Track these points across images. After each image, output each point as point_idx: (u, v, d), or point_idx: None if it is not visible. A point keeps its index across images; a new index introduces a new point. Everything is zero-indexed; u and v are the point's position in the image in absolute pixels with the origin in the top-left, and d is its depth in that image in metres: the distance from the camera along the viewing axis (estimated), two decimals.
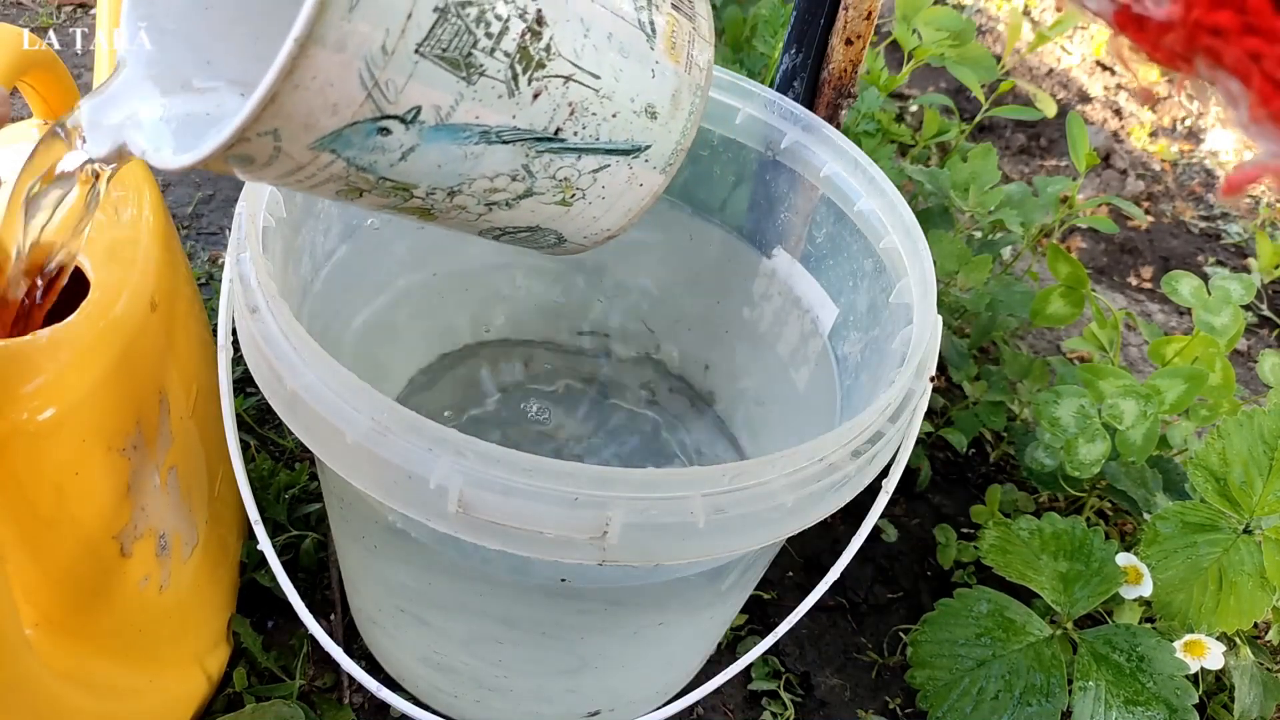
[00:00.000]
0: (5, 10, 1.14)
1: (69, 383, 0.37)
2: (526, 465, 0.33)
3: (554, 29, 0.29)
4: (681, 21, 0.34)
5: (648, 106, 0.34)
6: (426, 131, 0.29)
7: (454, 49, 0.28)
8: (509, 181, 0.32)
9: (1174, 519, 0.65)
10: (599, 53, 0.31)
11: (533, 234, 0.36)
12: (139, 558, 0.45)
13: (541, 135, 0.31)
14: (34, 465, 0.37)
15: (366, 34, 0.26)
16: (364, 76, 0.26)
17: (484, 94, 0.29)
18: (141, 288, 0.42)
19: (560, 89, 0.31)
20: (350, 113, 0.27)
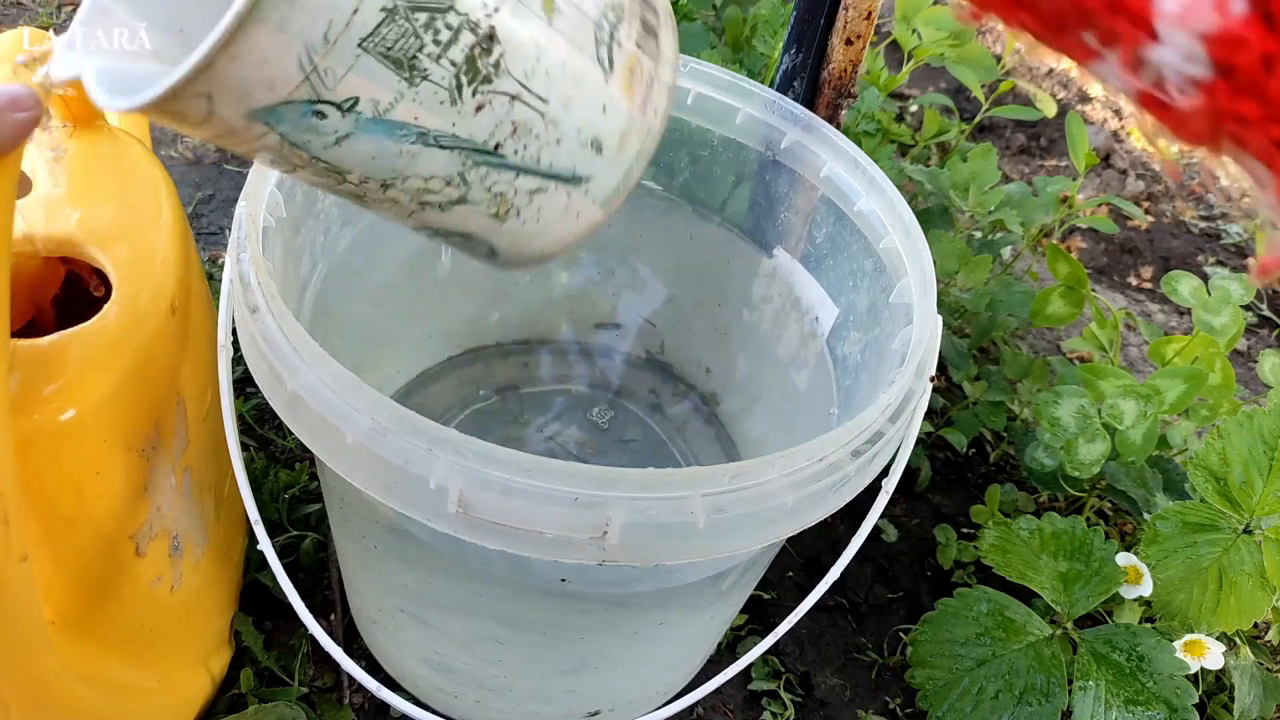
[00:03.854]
0: (5, 10, 1.14)
1: (90, 384, 0.38)
2: (526, 465, 0.33)
3: (505, 47, 0.30)
4: (644, 63, 0.34)
5: (594, 140, 0.33)
6: (363, 123, 0.29)
7: (399, 49, 0.28)
8: (443, 185, 0.32)
9: (1174, 519, 0.65)
10: (550, 79, 0.31)
11: (465, 240, 0.36)
12: (152, 558, 0.45)
13: (480, 148, 0.31)
14: (56, 464, 0.38)
15: (309, 21, 0.26)
16: (303, 60, 0.27)
17: (425, 97, 0.29)
18: (161, 291, 0.43)
19: (505, 106, 0.31)
20: (286, 92, 0.28)
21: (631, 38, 0.33)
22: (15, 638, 0.35)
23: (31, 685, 0.37)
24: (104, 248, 0.42)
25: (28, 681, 0.36)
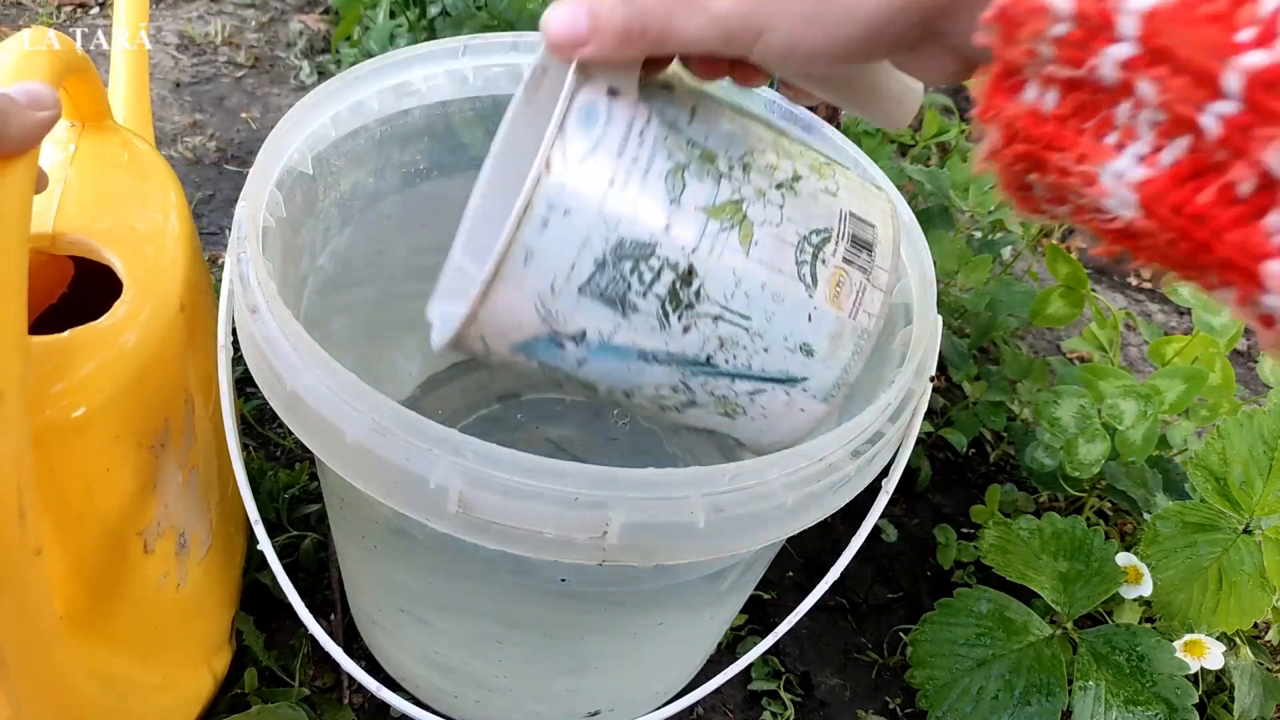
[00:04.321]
0: (5, 10, 1.14)
1: (101, 381, 0.38)
2: (526, 465, 0.33)
3: (704, 279, 0.34)
4: (852, 275, 0.37)
5: (802, 345, 0.37)
6: (593, 349, 0.35)
7: (611, 290, 0.34)
8: (671, 392, 0.37)
9: (1174, 519, 0.65)
10: (749, 299, 0.35)
11: (712, 435, 0.40)
12: (160, 555, 0.46)
13: (694, 361, 0.36)
14: (67, 460, 0.38)
15: (538, 277, 0.33)
16: (538, 307, 0.34)
17: (638, 325, 0.35)
18: (170, 289, 0.43)
19: (710, 326, 0.35)
20: (531, 331, 0.35)
21: (838, 254, 0.37)
22: (29, 631, 0.35)
23: (42, 679, 0.37)
24: (113, 246, 0.42)
25: (38, 675, 0.37)
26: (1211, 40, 0.20)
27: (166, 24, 1.18)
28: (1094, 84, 0.22)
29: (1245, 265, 0.20)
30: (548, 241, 0.33)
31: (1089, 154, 0.22)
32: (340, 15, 1.17)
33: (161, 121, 1.03)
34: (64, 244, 0.42)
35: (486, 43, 0.52)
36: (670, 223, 0.34)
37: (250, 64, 1.15)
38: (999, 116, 0.24)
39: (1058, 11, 0.22)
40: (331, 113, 0.48)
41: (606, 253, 0.33)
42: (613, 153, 0.33)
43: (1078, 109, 0.23)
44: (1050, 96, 0.23)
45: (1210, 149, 0.21)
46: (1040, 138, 0.23)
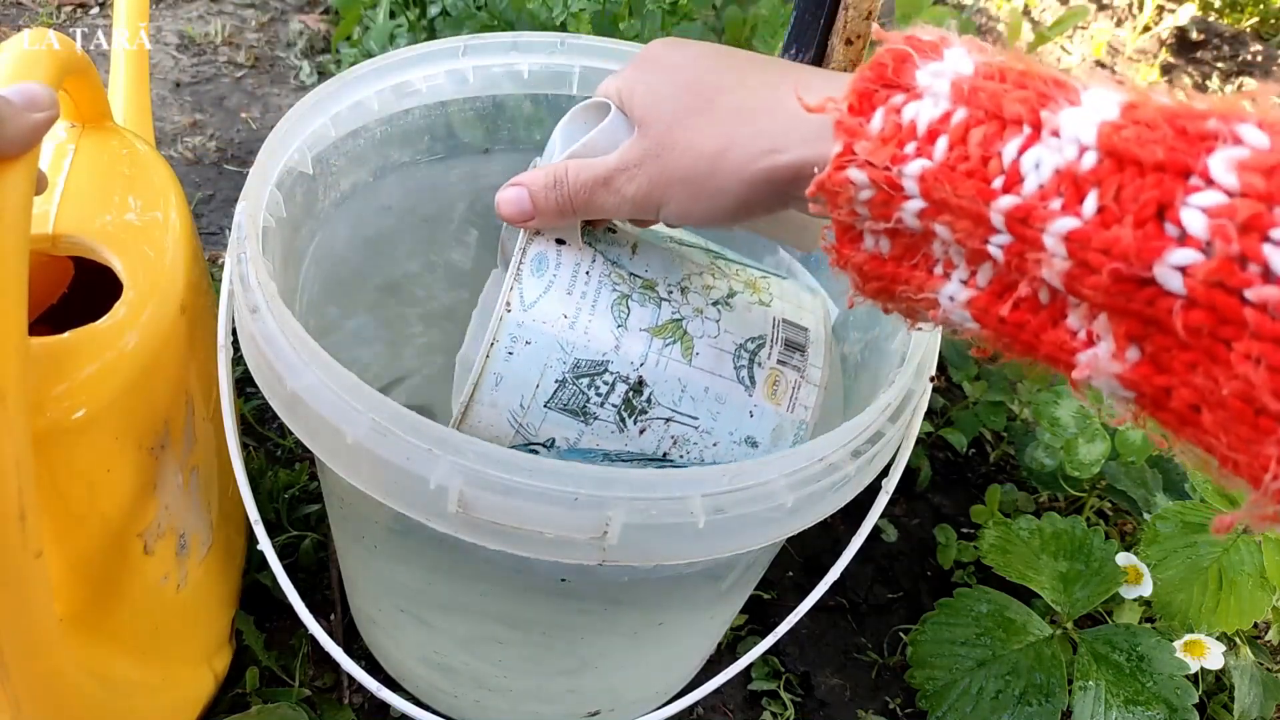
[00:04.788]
0: (5, 10, 1.14)
1: (102, 382, 0.38)
2: (526, 465, 0.33)
3: (653, 387, 0.40)
4: (786, 373, 0.43)
5: (747, 438, 0.41)
6: (563, 452, 0.40)
7: (573, 403, 0.39)
8: None
9: (1174, 519, 0.65)
10: (695, 401, 0.40)
11: None
12: (160, 556, 0.46)
13: (652, 457, 0.41)
14: (68, 462, 0.38)
15: (509, 397, 0.39)
16: (511, 421, 0.39)
17: (600, 431, 0.40)
18: (171, 290, 0.43)
19: (663, 427, 0.40)
20: (508, 439, 0.40)
21: (773, 357, 0.42)
22: (30, 633, 0.35)
23: (43, 680, 0.37)
24: (113, 247, 0.42)
25: (39, 676, 0.37)
26: (973, 190, 0.25)
27: (166, 24, 1.18)
28: (908, 231, 0.27)
29: (1064, 359, 0.25)
30: (514, 367, 0.38)
31: (924, 284, 0.28)
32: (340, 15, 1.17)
33: (161, 121, 1.03)
34: (64, 245, 0.42)
35: (486, 43, 0.52)
36: (619, 343, 0.40)
37: (250, 64, 1.15)
38: (850, 263, 0.29)
39: (859, 182, 0.27)
40: (331, 113, 0.48)
41: (565, 373, 0.39)
42: (563, 290, 0.39)
43: (906, 250, 0.28)
44: (884, 243, 0.29)
45: (1005, 272, 0.25)
46: (884, 275, 0.29)
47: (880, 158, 0.27)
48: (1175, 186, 0.22)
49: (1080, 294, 0.23)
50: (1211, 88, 1.63)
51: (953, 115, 0.26)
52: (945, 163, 0.25)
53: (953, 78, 0.26)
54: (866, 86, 0.28)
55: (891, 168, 0.26)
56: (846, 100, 0.28)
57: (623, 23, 0.92)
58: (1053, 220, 0.23)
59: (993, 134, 0.25)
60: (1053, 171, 0.24)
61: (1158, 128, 0.23)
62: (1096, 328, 0.24)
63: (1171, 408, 0.23)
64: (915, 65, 0.27)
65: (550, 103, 0.56)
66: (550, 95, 0.55)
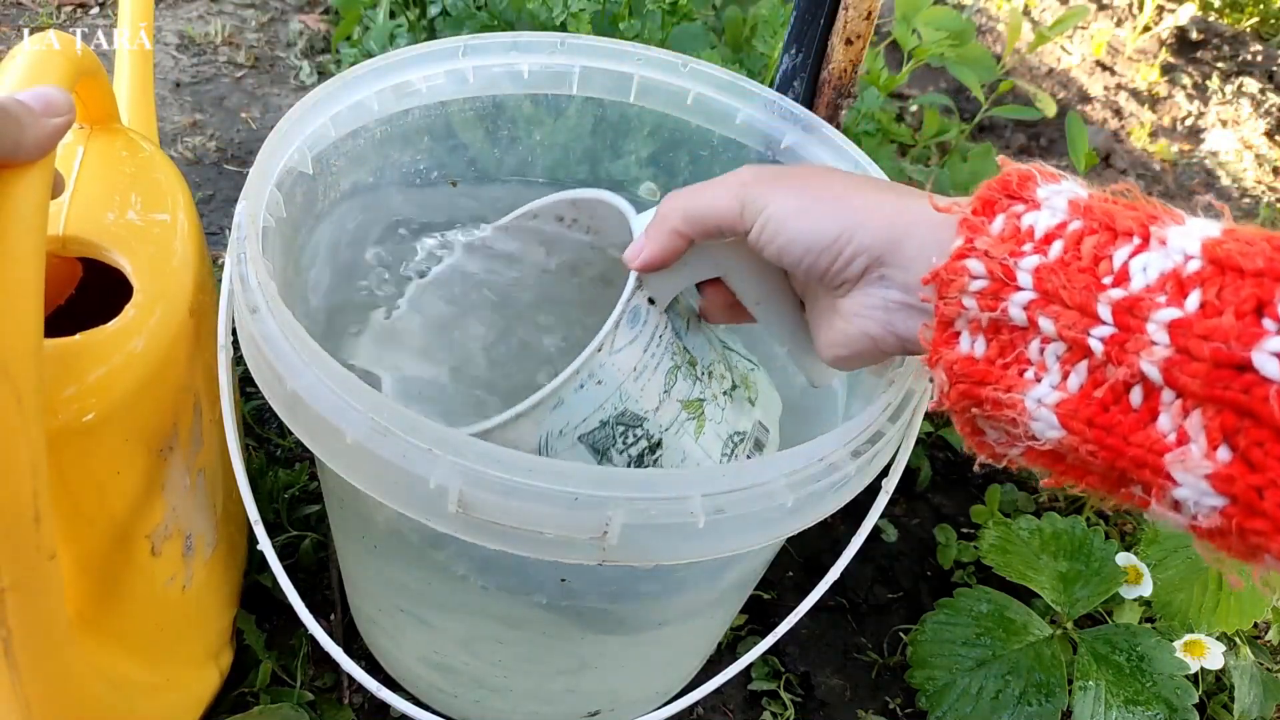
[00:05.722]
0: (5, 10, 1.14)
1: (112, 385, 0.38)
2: (526, 465, 0.33)
3: (664, 450, 0.43)
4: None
5: None
6: None
7: (600, 443, 0.42)
8: None
9: None
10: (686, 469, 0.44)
11: None
12: (167, 557, 0.46)
13: None
14: (78, 464, 0.38)
15: (556, 423, 0.41)
16: (541, 440, 0.41)
17: None
18: (180, 293, 0.43)
19: None
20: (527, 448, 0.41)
21: (744, 450, 0.47)
22: (42, 634, 0.35)
23: (53, 680, 0.37)
24: (123, 249, 0.43)
25: (50, 677, 0.37)
26: (1084, 284, 0.27)
27: (166, 24, 1.18)
28: (1009, 325, 0.29)
29: (1152, 462, 0.26)
30: (577, 399, 0.41)
31: (1014, 385, 0.29)
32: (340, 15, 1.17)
33: (161, 121, 1.03)
34: (74, 246, 0.42)
35: (486, 43, 0.52)
36: (660, 406, 0.43)
37: (250, 64, 1.15)
38: (942, 360, 0.31)
39: (974, 272, 0.29)
40: (331, 113, 0.48)
41: (611, 417, 0.42)
42: (641, 346, 0.42)
43: (1001, 351, 0.30)
44: (979, 344, 0.30)
45: (1102, 368, 0.27)
46: (974, 375, 0.30)
47: (999, 251, 0.29)
48: (1274, 288, 0.24)
49: (1178, 383, 0.25)
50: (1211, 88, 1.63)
51: (1068, 225, 0.29)
52: (1060, 259, 0.28)
53: (1070, 196, 0.30)
54: (991, 195, 0.31)
55: (1009, 259, 0.29)
56: (971, 205, 0.31)
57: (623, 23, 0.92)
58: (1158, 310, 0.25)
59: (1105, 242, 0.28)
60: (1159, 274, 0.26)
61: (1256, 244, 0.25)
62: (1189, 427, 0.25)
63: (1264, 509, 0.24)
64: (1036, 184, 0.30)
65: (550, 103, 0.56)
66: (550, 95, 0.55)
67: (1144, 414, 0.26)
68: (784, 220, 0.36)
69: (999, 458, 0.32)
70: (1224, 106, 1.60)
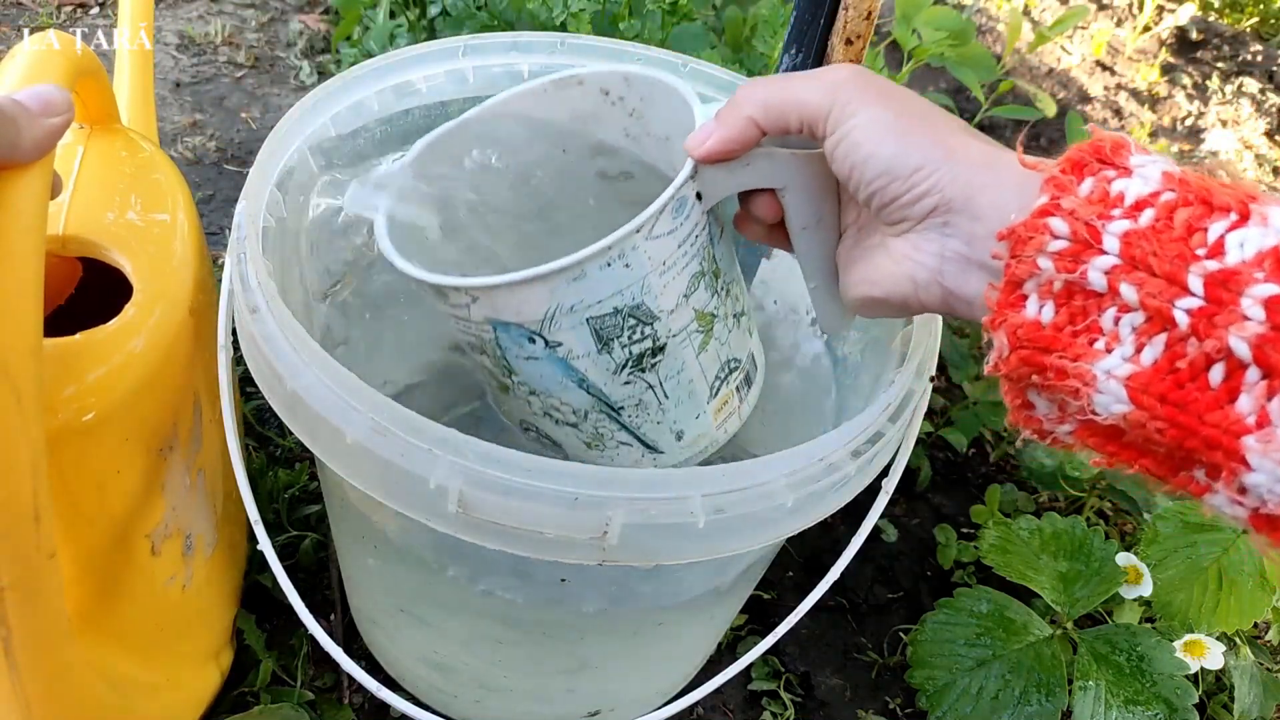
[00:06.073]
0: (5, 10, 1.14)
1: (112, 384, 0.38)
2: (526, 465, 0.33)
3: (665, 357, 0.42)
4: (734, 399, 0.46)
5: (679, 432, 0.44)
6: (553, 358, 0.41)
7: (605, 331, 0.40)
8: (570, 412, 0.43)
9: (1174, 519, 0.65)
10: (678, 385, 0.43)
11: (553, 446, 0.45)
12: (167, 557, 0.46)
13: (610, 404, 0.42)
14: (78, 463, 0.38)
15: (571, 296, 0.38)
16: (550, 311, 0.39)
17: (600, 363, 0.41)
18: (180, 292, 0.43)
19: (642, 388, 0.42)
20: (519, 320, 0.39)
21: (734, 382, 0.45)
22: (42, 633, 0.35)
23: (53, 680, 0.37)
24: (123, 248, 0.43)
25: (50, 676, 0.37)
26: (1175, 253, 0.26)
27: (166, 24, 1.18)
28: (1084, 291, 0.28)
29: (1227, 444, 0.24)
30: (600, 277, 0.38)
31: (1082, 355, 0.27)
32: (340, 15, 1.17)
33: (161, 121, 1.03)
34: (74, 246, 0.42)
35: (486, 43, 0.52)
36: (675, 310, 0.41)
37: (250, 64, 1.15)
38: (1005, 324, 0.29)
39: (1056, 231, 0.28)
40: (331, 113, 0.48)
41: (626, 307, 0.39)
42: (677, 242, 0.39)
43: (1071, 318, 0.28)
44: (1047, 309, 0.29)
45: (1182, 342, 0.26)
46: (1039, 341, 0.28)
47: (1086, 213, 0.28)
48: None
49: (1268, 362, 0.24)
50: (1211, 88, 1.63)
51: (1160, 194, 0.27)
52: (1150, 227, 0.27)
53: (1164, 168, 0.28)
54: (1081, 157, 0.29)
55: (1096, 221, 0.27)
56: (1059, 165, 0.30)
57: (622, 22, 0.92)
58: (1255, 285, 0.24)
59: (1200, 215, 0.26)
60: (1257, 250, 0.25)
61: None
62: (1272, 410, 0.24)
63: None
64: (1130, 151, 0.29)
65: None
66: None
67: (1222, 393, 0.25)
68: (871, 134, 0.33)
69: (1044, 434, 0.30)
70: (1224, 106, 1.60)
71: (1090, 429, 0.28)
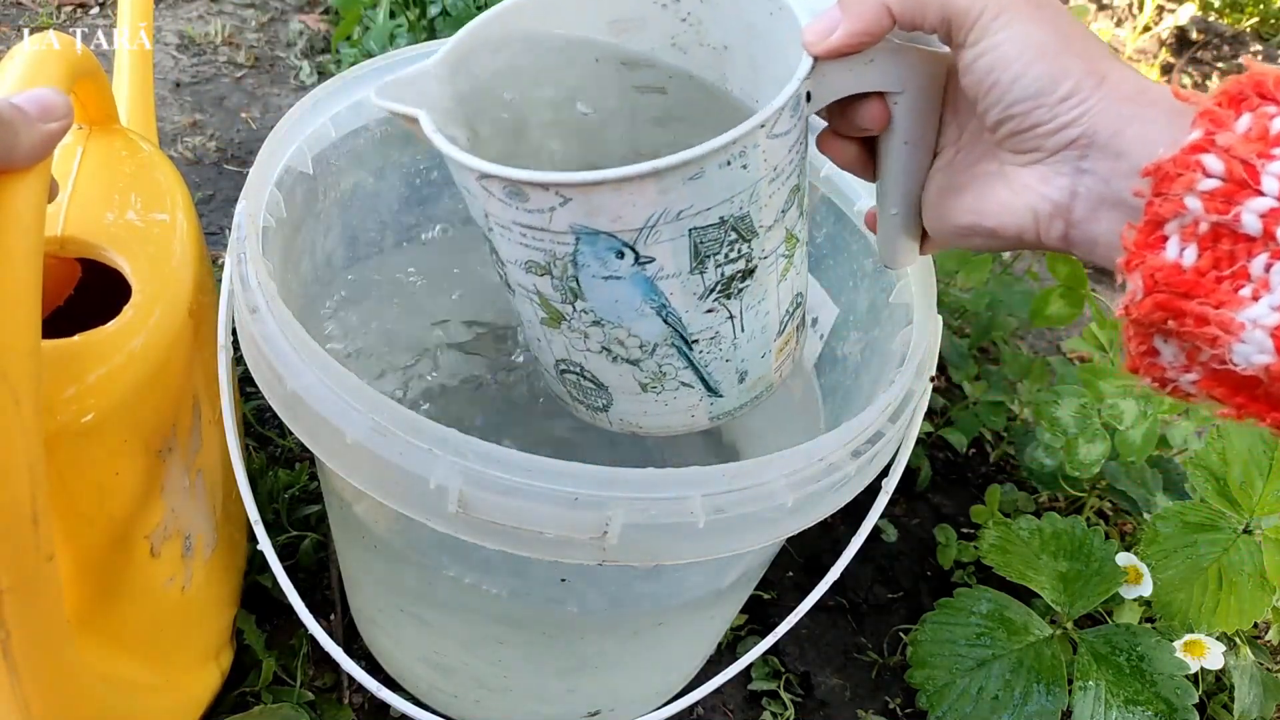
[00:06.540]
0: (5, 10, 1.14)
1: (111, 386, 0.38)
2: (526, 465, 0.33)
3: (752, 283, 0.37)
4: (794, 340, 0.43)
5: (743, 372, 0.41)
6: (639, 277, 0.35)
7: (705, 247, 0.35)
8: (636, 345, 0.38)
9: (1174, 519, 0.65)
10: (755, 317, 0.39)
11: (596, 389, 0.41)
12: (166, 558, 0.46)
13: (685, 336, 0.38)
14: (77, 465, 0.38)
15: (680, 199, 0.33)
16: (652, 217, 0.33)
17: (689, 285, 0.36)
18: (179, 293, 0.43)
19: (722, 318, 0.38)
20: (618, 229, 0.34)
21: (795, 320, 0.42)
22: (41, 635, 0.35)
23: (53, 682, 0.37)
24: (122, 249, 0.43)
25: (49, 678, 0.37)
26: None
27: (166, 24, 1.18)
28: (1234, 234, 0.26)
29: None
30: (718, 177, 0.33)
31: (1226, 302, 0.26)
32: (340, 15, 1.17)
33: (161, 121, 1.03)
34: (73, 247, 0.42)
35: None
36: (771, 227, 0.36)
37: (250, 64, 1.15)
38: (1143, 266, 0.27)
39: (1209, 169, 0.26)
40: (331, 113, 0.48)
41: (732, 217, 0.34)
42: (788, 145, 0.35)
43: (1215, 263, 0.26)
44: (1189, 252, 0.27)
45: None
46: (1179, 286, 0.27)
47: (1243, 150, 0.26)
48: None
49: None
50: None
51: None
52: None
53: None
54: (1240, 91, 0.27)
55: (1255, 160, 0.25)
56: (1214, 98, 0.27)
57: None
58: None
59: None
60: None
61: None
62: None
63: None
64: None
65: None
66: None
67: None
68: (1023, 52, 0.30)
69: (1165, 383, 0.29)
70: None
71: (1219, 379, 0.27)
